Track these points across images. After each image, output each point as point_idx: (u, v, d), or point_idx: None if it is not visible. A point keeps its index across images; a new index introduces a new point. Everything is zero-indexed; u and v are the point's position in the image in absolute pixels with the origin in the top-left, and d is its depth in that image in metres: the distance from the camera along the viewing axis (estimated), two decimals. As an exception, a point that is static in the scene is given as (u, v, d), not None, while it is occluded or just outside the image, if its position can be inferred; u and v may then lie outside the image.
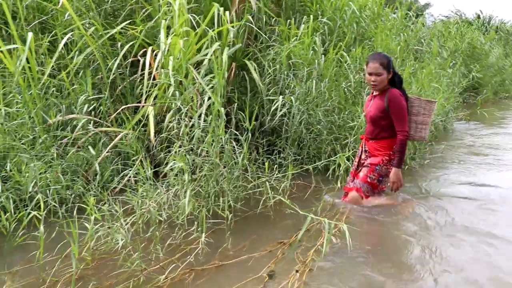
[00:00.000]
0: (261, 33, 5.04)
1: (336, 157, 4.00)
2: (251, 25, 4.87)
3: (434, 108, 3.72)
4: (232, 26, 4.41)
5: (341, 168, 3.91)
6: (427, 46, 9.52)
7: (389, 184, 3.66)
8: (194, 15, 4.28)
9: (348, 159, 4.16)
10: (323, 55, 5.06)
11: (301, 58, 4.89)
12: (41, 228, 2.44)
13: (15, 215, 3.02)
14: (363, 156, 3.84)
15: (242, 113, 4.23)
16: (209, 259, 2.76)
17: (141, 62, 4.16)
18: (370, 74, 3.57)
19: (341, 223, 2.74)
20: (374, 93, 3.72)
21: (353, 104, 5.02)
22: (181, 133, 3.27)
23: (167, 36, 3.98)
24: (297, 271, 2.59)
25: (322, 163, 4.21)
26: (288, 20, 5.37)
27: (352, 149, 4.43)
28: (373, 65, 3.54)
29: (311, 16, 5.41)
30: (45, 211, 2.63)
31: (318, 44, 5.13)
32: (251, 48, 5.08)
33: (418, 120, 3.69)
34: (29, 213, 2.83)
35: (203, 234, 2.82)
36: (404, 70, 6.07)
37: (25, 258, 2.72)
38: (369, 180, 3.68)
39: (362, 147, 3.87)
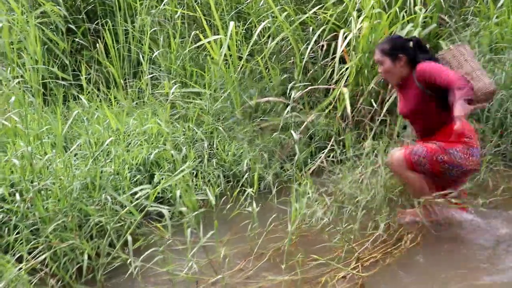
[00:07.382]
0: (448, 16, 4.65)
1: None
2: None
3: (468, 49, 2.86)
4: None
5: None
6: None
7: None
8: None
9: None
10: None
11: (504, 39, 4.38)
12: (254, 205, 2.66)
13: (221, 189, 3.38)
14: None
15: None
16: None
17: (332, 46, 4.18)
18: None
19: None
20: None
21: None
22: (381, 116, 3.20)
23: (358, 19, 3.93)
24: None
25: None
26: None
27: None
28: (375, 55, 2.92)
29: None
30: (253, 189, 2.83)
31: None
32: (444, 28, 4.72)
33: (463, 72, 2.76)
34: (240, 190, 3.07)
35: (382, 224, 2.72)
36: None
37: (232, 229, 2.95)
38: (434, 159, 2.72)
39: None
